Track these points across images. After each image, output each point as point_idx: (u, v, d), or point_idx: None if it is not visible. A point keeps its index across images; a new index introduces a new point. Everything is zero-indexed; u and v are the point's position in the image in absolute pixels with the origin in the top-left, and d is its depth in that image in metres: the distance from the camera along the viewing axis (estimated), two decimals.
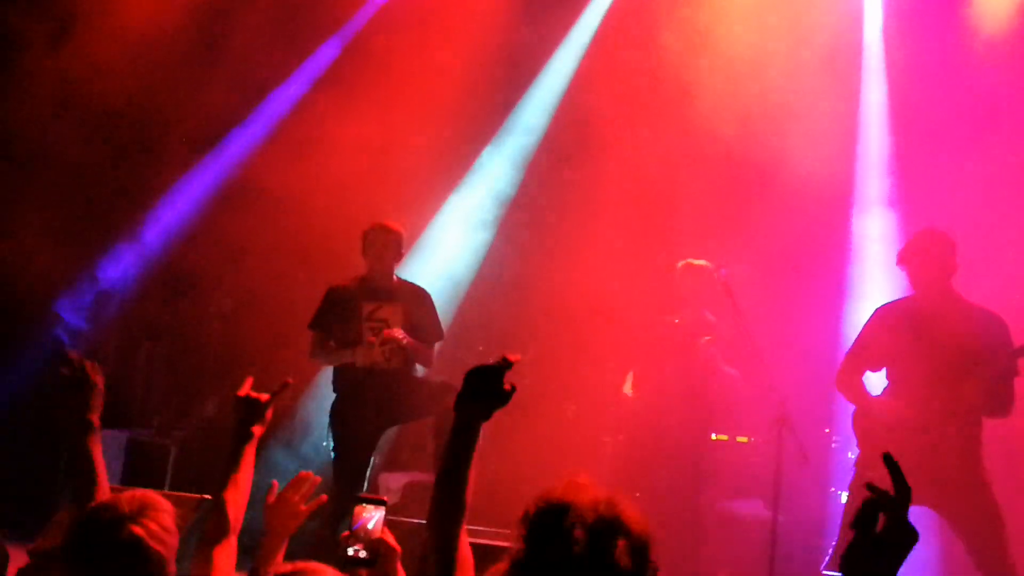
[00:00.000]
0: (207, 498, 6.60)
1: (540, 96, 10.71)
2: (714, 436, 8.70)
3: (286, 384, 3.82)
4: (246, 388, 3.76)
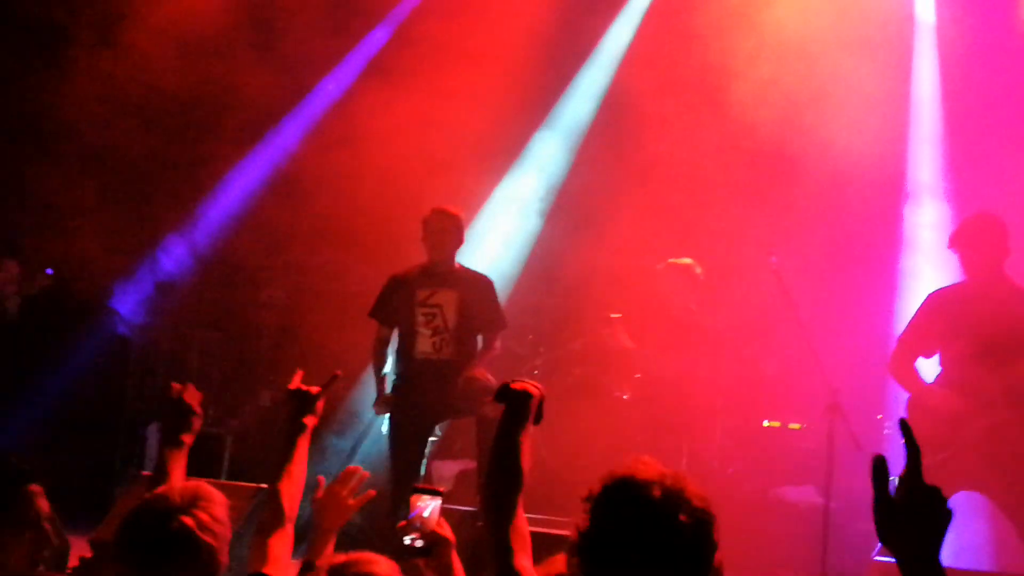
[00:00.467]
0: (263, 487, 6.66)
1: (587, 83, 10.71)
2: (766, 423, 8.69)
3: (335, 377, 3.91)
4: (296, 381, 3.83)
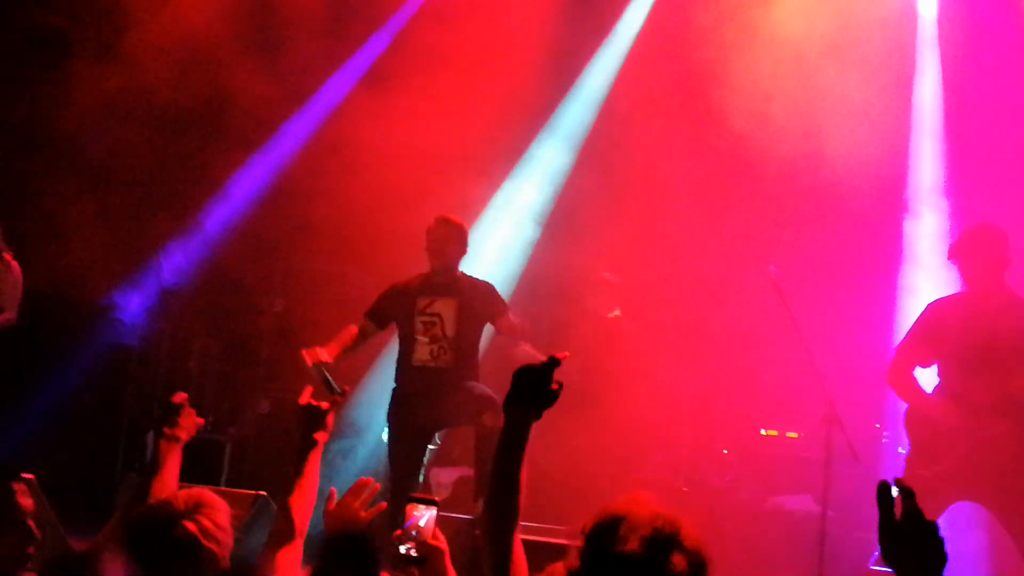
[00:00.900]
0: (261, 495, 6.68)
1: (586, 91, 10.71)
2: (764, 431, 8.69)
3: (344, 392, 3.94)
4: (306, 396, 3.83)
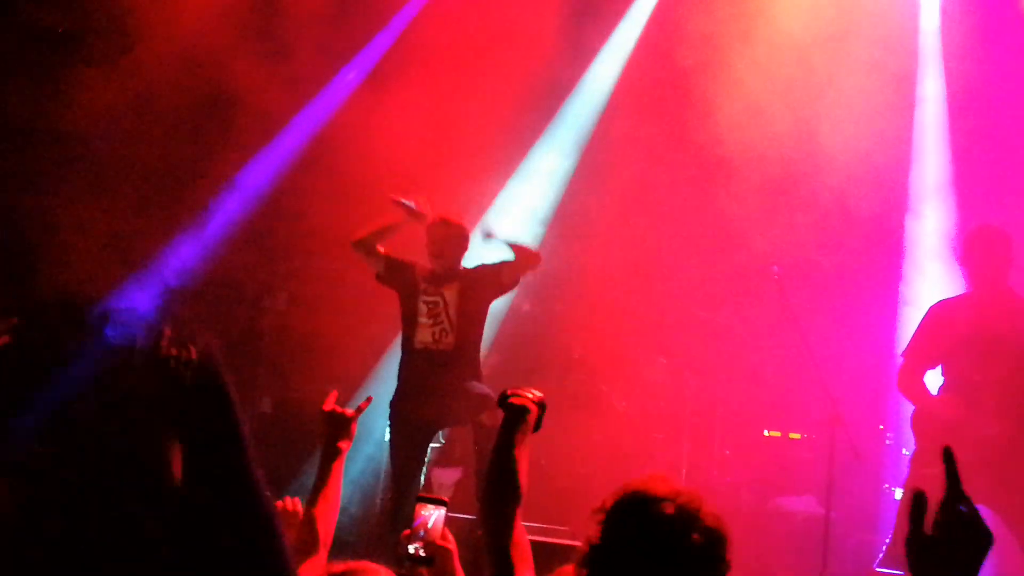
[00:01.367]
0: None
1: (589, 92, 10.70)
2: (767, 432, 8.67)
3: (369, 399, 3.90)
4: (331, 402, 3.77)
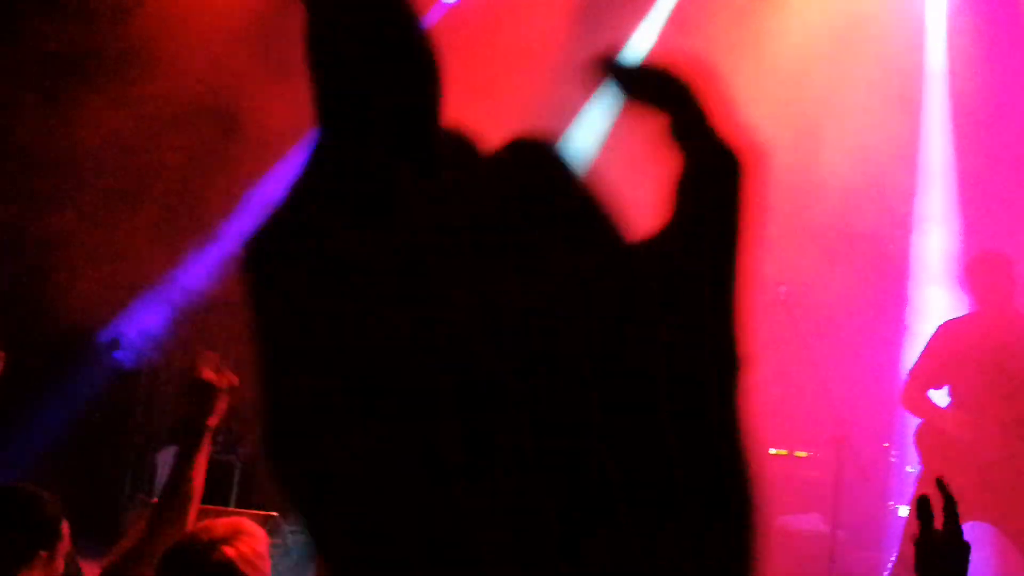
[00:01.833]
0: (273, 515, 6.65)
1: (605, 97, 10.67)
2: (772, 451, 8.68)
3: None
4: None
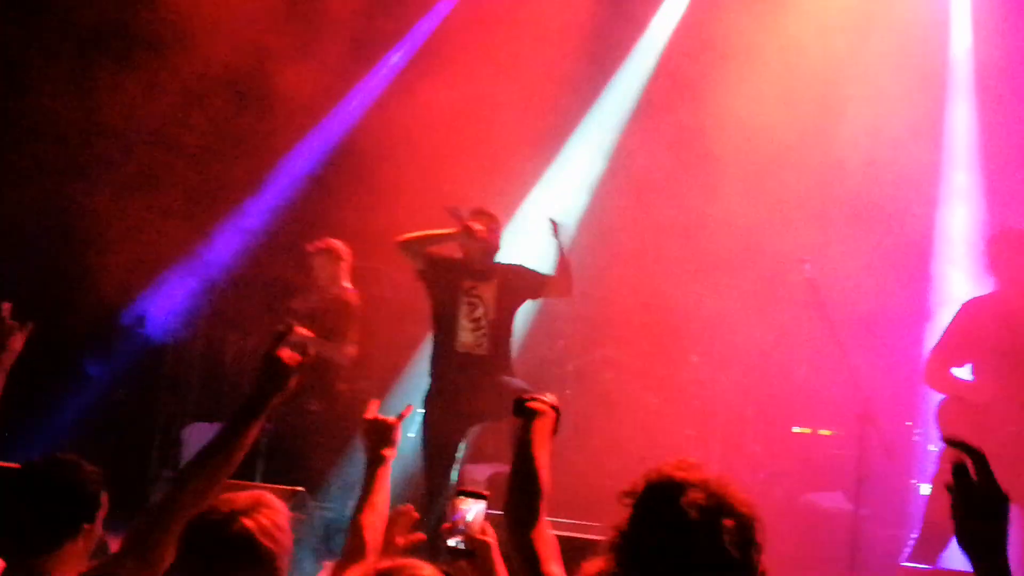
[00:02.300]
0: (300, 490, 6.73)
1: (621, 90, 10.67)
2: (796, 429, 8.71)
3: (409, 408, 3.93)
4: (373, 411, 3.79)
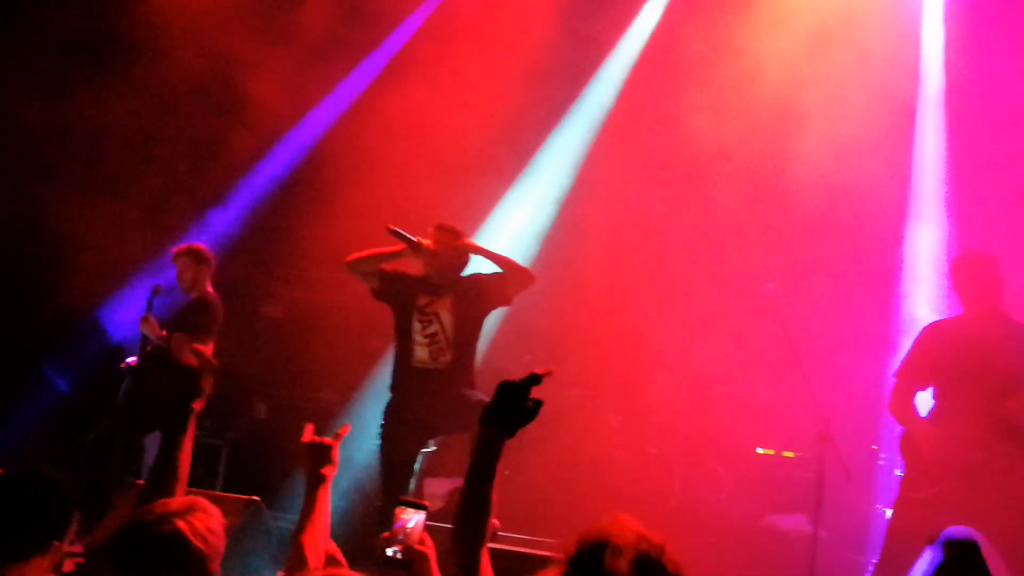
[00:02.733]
0: (255, 500, 6.67)
1: (592, 100, 10.69)
2: (760, 450, 8.70)
3: (347, 427, 4.04)
4: (309, 434, 3.90)
